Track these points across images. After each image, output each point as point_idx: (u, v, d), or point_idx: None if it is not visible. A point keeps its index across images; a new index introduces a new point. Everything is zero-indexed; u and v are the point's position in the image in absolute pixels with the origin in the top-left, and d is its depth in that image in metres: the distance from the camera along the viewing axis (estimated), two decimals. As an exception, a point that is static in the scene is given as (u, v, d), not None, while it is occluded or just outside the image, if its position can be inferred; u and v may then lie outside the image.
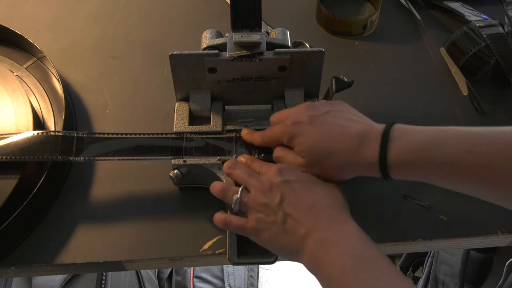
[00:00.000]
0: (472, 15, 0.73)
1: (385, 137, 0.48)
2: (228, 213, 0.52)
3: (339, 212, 0.48)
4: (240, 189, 0.50)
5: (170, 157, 0.56)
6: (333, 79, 0.55)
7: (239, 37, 0.55)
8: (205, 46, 0.57)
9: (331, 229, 0.45)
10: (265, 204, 0.48)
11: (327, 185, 0.50)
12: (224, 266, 1.14)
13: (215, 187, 0.53)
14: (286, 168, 0.51)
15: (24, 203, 0.54)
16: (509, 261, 0.79)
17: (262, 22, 0.77)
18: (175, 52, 0.55)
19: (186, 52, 0.56)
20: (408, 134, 0.47)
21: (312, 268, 0.46)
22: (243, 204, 0.50)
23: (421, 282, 1.02)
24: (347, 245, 0.44)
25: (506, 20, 0.70)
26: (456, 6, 0.76)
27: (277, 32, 0.59)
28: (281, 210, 0.48)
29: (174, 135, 0.58)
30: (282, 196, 0.48)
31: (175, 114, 0.60)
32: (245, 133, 0.57)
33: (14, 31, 0.69)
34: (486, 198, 0.46)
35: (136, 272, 0.97)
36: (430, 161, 0.45)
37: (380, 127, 0.49)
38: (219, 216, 0.51)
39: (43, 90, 0.67)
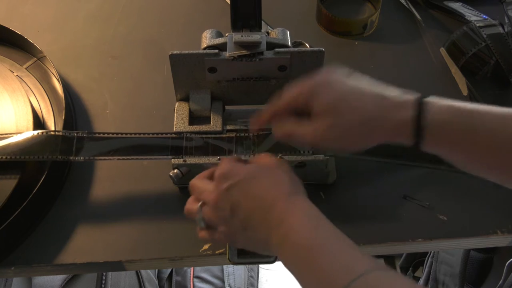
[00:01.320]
0: (472, 15, 0.73)
1: (421, 97, 0.46)
2: (198, 228, 0.50)
3: (288, 202, 0.45)
4: (198, 206, 0.49)
5: (170, 156, 0.56)
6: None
7: (239, 37, 0.55)
8: (205, 46, 0.57)
9: (283, 225, 0.43)
10: (221, 218, 0.47)
11: (273, 174, 0.47)
12: (224, 266, 1.14)
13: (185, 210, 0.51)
14: (228, 172, 0.47)
15: (24, 203, 0.54)
16: (509, 261, 0.79)
17: (262, 22, 0.77)
18: (175, 52, 0.55)
19: (186, 52, 0.55)
20: (446, 99, 0.46)
21: (281, 257, 0.45)
22: (206, 220, 0.48)
23: (421, 282, 1.02)
24: (299, 236, 0.42)
25: (506, 20, 0.70)
26: (456, 6, 0.76)
27: (277, 32, 0.59)
28: (237, 219, 0.46)
29: (174, 135, 0.58)
30: (232, 205, 0.46)
31: (175, 114, 0.60)
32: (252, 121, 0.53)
33: (14, 31, 0.69)
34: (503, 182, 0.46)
35: (136, 272, 0.97)
36: (470, 127, 0.44)
37: (411, 93, 0.47)
38: (200, 236, 0.50)
39: (43, 90, 0.67)
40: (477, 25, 0.68)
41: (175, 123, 0.59)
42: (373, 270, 0.38)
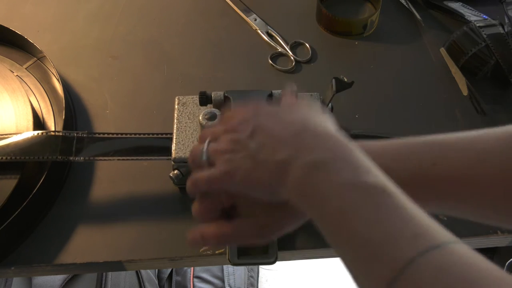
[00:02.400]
0: (472, 15, 0.73)
1: None
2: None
3: (329, 130, 0.37)
4: (206, 141, 0.42)
5: (170, 157, 0.56)
6: (334, 80, 0.55)
7: None
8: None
9: (321, 150, 0.35)
10: (234, 140, 0.39)
11: (310, 107, 0.41)
12: (224, 266, 1.14)
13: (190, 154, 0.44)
14: (255, 107, 0.42)
15: (24, 203, 0.54)
16: (509, 261, 0.79)
17: (262, 22, 0.77)
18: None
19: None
20: (367, 150, 0.40)
21: (301, 203, 0.36)
22: (211, 153, 0.41)
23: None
24: (347, 172, 0.33)
25: (506, 20, 0.70)
26: (456, 6, 0.76)
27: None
28: (253, 140, 0.38)
29: (174, 135, 0.58)
30: (254, 127, 0.39)
31: (175, 113, 0.60)
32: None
33: (14, 31, 0.69)
34: (457, 214, 0.42)
35: (136, 272, 0.97)
36: (393, 179, 0.38)
37: None
38: (188, 185, 0.42)
39: (43, 90, 0.67)
40: (477, 25, 0.68)
41: (175, 122, 0.59)
42: (450, 243, 0.30)
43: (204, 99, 0.57)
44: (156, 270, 1.08)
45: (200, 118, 0.55)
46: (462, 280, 0.27)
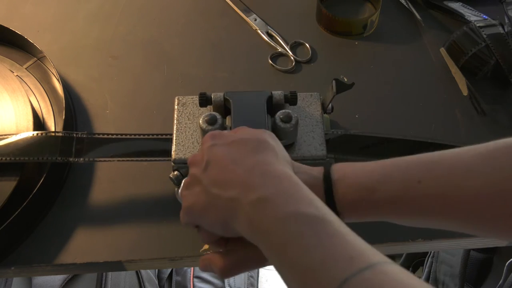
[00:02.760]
0: (472, 15, 0.73)
1: (328, 181, 0.42)
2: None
3: (278, 167, 0.39)
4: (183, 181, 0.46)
5: (170, 158, 0.56)
6: (334, 81, 0.55)
7: None
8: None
9: (267, 186, 0.37)
10: (192, 175, 0.43)
11: (263, 142, 0.42)
12: (224, 266, 1.14)
13: None
14: (220, 132, 0.44)
15: (24, 203, 0.54)
16: (509, 261, 0.79)
17: (262, 22, 0.77)
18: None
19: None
20: (350, 174, 0.43)
21: (252, 236, 0.38)
22: (182, 191, 0.44)
23: (421, 282, 1.02)
24: (290, 205, 0.36)
25: (506, 20, 0.70)
26: (456, 6, 0.76)
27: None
28: (206, 175, 0.41)
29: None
30: (208, 160, 0.41)
31: (175, 113, 0.60)
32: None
33: (14, 31, 0.69)
34: (446, 228, 0.43)
35: (136, 272, 0.97)
36: (379, 199, 0.41)
37: (317, 171, 0.44)
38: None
39: (43, 90, 0.67)
40: (477, 25, 0.68)
41: (175, 123, 0.59)
42: (382, 263, 0.32)
43: (204, 101, 0.57)
44: (156, 270, 1.08)
45: (200, 122, 0.55)
46: None
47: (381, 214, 0.42)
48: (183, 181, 0.47)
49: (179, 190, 0.47)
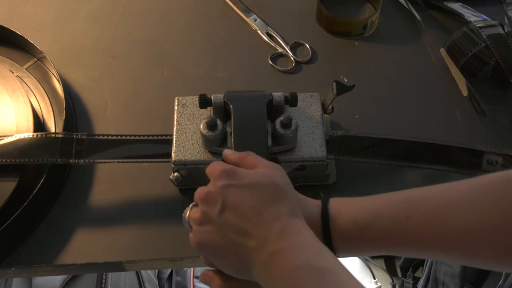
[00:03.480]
0: (472, 16, 0.73)
1: (325, 219, 0.46)
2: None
3: (292, 220, 0.42)
4: (190, 206, 0.47)
5: (170, 159, 0.56)
6: (334, 83, 0.55)
7: None
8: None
9: (284, 240, 0.41)
10: (205, 214, 0.44)
11: (279, 189, 0.44)
12: (224, 266, 1.14)
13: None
14: (233, 170, 0.45)
15: (24, 204, 0.54)
16: (509, 261, 0.79)
17: (262, 22, 0.77)
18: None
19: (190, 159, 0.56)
20: (345, 211, 0.46)
21: (265, 282, 0.41)
22: (192, 220, 0.46)
23: (421, 282, 1.02)
24: (301, 257, 0.39)
25: (506, 21, 0.70)
26: (456, 6, 0.76)
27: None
28: (222, 219, 0.42)
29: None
30: (224, 203, 0.43)
31: (175, 114, 0.60)
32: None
33: (14, 32, 0.69)
34: (441, 259, 0.46)
35: (136, 272, 0.97)
36: (372, 236, 0.44)
37: (317, 207, 0.47)
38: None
39: (43, 90, 0.67)
40: (477, 25, 0.68)
41: (175, 123, 0.59)
42: None
43: (204, 102, 0.57)
44: (156, 270, 1.08)
45: (201, 127, 0.55)
46: None
47: (374, 249, 0.46)
48: (189, 208, 0.47)
49: (186, 215, 0.47)
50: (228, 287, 0.46)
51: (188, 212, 0.47)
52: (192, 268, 1.11)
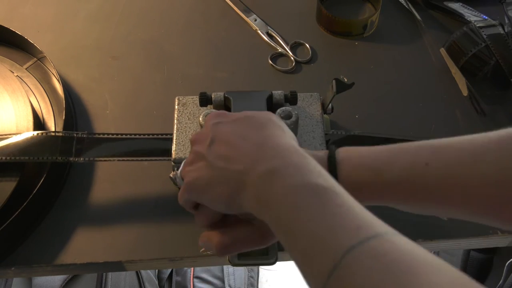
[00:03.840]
0: (472, 16, 0.73)
1: (332, 160, 0.42)
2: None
3: (286, 142, 0.39)
4: (181, 164, 0.46)
5: (170, 158, 0.56)
6: (334, 81, 0.55)
7: None
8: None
9: (277, 159, 0.37)
10: (195, 152, 0.42)
11: (272, 120, 0.42)
12: (224, 266, 1.14)
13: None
14: (224, 112, 0.44)
15: (24, 204, 0.54)
16: (509, 261, 0.79)
17: (262, 22, 0.77)
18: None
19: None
20: (356, 155, 0.42)
21: (259, 210, 0.37)
22: (184, 173, 0.44)
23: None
24: (299, 176, 0.36)
25: (506, 21, 0.70)
26: (456, 6, 0.76)
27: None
28: (211, 150, 0.40)
29: (174, 136, 0.58)
30: (213, 136, 0.41)
31: (175, 113, 0.60)
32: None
33: (14, 31, 0.69)
34: (450, 215, 0.43)
35: (136, 272, 0.97)
36: (386, 181, 0.41)
37: (323, 152, 0.44)
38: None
39: (43, 90, 0.67)
40: (477, 25, 0.68)
41: (175, 123, 0.59)
42: (389, 233, 0.32)
43: (204, 100, 0.57)
44: (156, 270, 1.08)
45: (200, 119, 0.55)
46: (398, 265, 0.29)
47: (386, 197, 0.42)
48: (183, 161, 0.46)
49: (179, 171, 0.46)
50: (226, 240, 0.43)
51: (181, 167, 0.45)
52: (192, 268, 1.11)
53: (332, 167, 0.42)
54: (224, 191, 0.39)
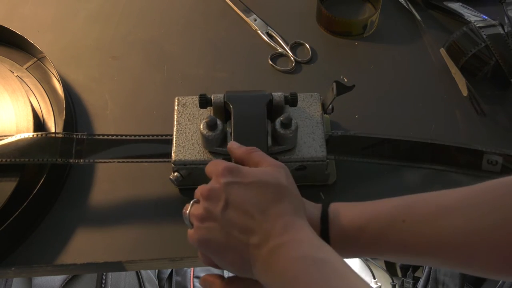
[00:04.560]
0: (472, 16, 0.73)
1: (325, 222, 0.47)
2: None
3: (295, 218, 0.43)
4: (191, 202, 0.47)
5: (170, 159, 0.56)
6: (334, 83, 0.55)
7: None
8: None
9: (285, 235, 0.41)
10: (207, 210, 0.43)
11: (283, 190, 0.44)
12: (224, 266, 1.14)
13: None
14: (237, 167, 0.45)
15: (24, 204, 0.54)
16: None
17: (262, 22, 0.77)
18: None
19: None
20: (343, 213, 0.47)
21: (266, 278, 0.41)
22: (192, 217, 0.45)
23: (421, 282, 1.02)
24: (301, 250, 0.40)
25: (506, 21, 0.70)
26: (456, 6, 0.76)
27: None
28: (225, 215, 0.42)
29: (174, 136, 0.58)
30: (228, 201, 0.43)
31: (175, 114, 0.60)
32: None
33: (14, 31, 0.69)
34: (435, 266, 0.47)
35: (136, 272, 0.97)
36: (368, 238, 0.45)
37: (317, 210, 0.48)
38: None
39: (43, 90, 0.67)
40: (477, 25, 0.68)
41: (175, 123, 0.59)
42: None
43: (204, 102, 0.57)
44: (156, 270, 1.08)
45: (201, 127, 0.55)
46: None
47: (368, 252, 0.47)
48: (190, 205, 0.47)
49: (187, 211, 0.47)
50: None
51: (189, 209, 0.47)
52: (192, 268, 1.11)
53: (324, 226, 0.46)
54: (236, 261, 0.42)
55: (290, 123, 0.54)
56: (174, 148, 0.56)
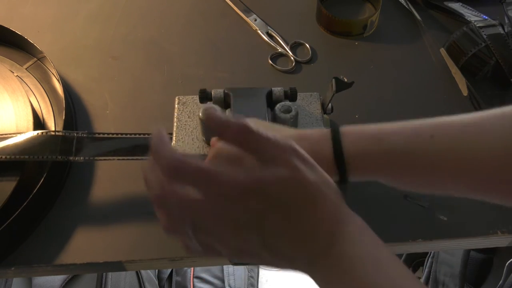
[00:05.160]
0: (472, 16, 0.73)
1: (336, 133, 0.42)
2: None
3: (337, 223, 0.38)
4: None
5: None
6: (333, 80, 0.55)
7: None
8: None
9: (336, 246, 0.37)
10: (239, 210, 0.35)
11: (321, 174, 0.37)
12: (224, 266, 1.14)
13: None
14: (272, 148, 0.35)
15: (24, 204, 0.54)
16: (509, 261, 0.79)
17: (262, 22, 0.77)
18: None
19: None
20: (358, 127, 0.43)
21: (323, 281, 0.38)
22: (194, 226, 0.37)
23: (421, 282, 1.02)
24: (362, 250, 0.37)
25: (506, 21, 0.70)
26: (456, 6, 0.76)
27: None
28: (261, 238, 0.35)
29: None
30: (260, 213, 0.34)
31: (175, 111, 0.60)
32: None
33: (14, 31, 0.69)
34: (454, 191, 0.42)
35: (136, 272, 0.97)
36: (389, 149, 0.40)
37: (325, 130, 0.44)
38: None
39: (43, 90, 0.67)
40: (477, 25, 0.68)
41: (175, 122, 0.59)
42: None
43: (204, 97, 0.57)
44: (156, 270, 1.08)
45: (200, 114, 0.55)
46: None
47: (389, 168, 0.41)
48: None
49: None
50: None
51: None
52: (192, 268, 1.11)
53: (335, 137, 0.41)
54: (289, 268, 0.38)
55: (290, 107, 0.55)
56: (174, 143, 0.57)
